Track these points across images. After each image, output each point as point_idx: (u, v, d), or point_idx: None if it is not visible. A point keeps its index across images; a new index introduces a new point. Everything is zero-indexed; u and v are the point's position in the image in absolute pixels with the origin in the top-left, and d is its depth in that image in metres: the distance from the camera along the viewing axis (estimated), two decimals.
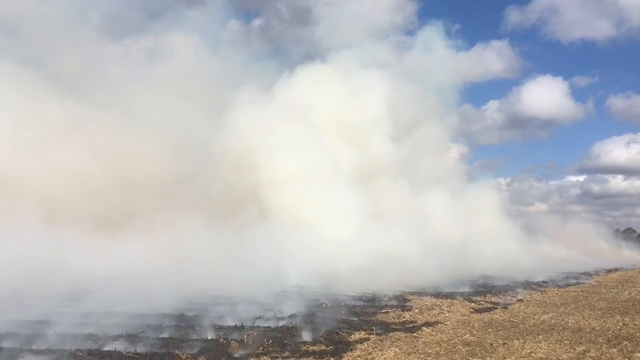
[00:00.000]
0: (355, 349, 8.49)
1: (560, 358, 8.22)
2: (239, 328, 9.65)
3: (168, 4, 33.47)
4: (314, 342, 8.86)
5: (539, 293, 16.55)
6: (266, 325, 10.17)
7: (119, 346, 8.18)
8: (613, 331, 10.32)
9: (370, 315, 11.67)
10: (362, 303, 13.41)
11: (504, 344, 9.06)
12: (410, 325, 10.65)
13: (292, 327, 9.79)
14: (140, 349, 8.04)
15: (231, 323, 10.11)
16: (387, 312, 12.00)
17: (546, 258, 28.45)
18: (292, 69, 26.99)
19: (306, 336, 9.20)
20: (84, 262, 14.58)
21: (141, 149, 21.99)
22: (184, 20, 31.19)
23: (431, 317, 11.52)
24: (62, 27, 25.07)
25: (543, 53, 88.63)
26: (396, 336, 9.52)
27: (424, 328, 10.29)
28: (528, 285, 18.37)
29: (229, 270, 15.13)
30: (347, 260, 17.34)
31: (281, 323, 10.22)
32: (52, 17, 25.00)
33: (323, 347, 8.58)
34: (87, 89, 23.55)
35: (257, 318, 10.77)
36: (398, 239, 19.11)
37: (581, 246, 35.39)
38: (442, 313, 12.12)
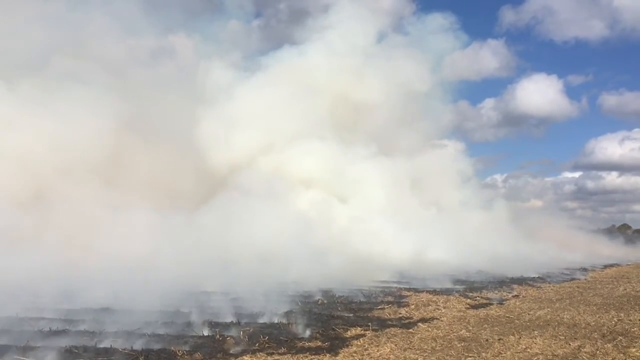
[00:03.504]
0: (352, 345, 8.49)
1: (555, 353, 8.24)
2: (235, 324, 9.63)
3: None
4: (310, 338, 8.84)
5: (535, 289, 16.62)
6: (262, 321, 10.14)
7: (115, 343, 8.13)
8: (608, 326, 10.36)
9: (366, 311, 11.67)
10: (358, 299, 13.40)
11: (499, 339, 9.09)
12: (406, 321, 10.66)
13: (288, 323, 9.77)
14: (136, 345, 8.01)
15: (227, 319, 10.09)
16: (383, 308, 12.00)
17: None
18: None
19: (302, 332, 9.19)
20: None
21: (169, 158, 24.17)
22: (207, 27, 31.41)
23: (427, 313, 11.54)
24: (73, 30, 25.26)
25: (538, 52, 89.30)
26: (392, 332, 9.53)
27: (419, 324, 10.30)
28: (523, 281, 18.44)
29: (225, 267, 15.11)
30: (344, 252, 17.41)
31: (277, 319, 10.20)
32: (66, 19, 25.35)
33: (319, 343, 8.57)
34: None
35: (253, 314, 10.74)
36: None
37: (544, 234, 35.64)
38: (438, 309, 12.14)
